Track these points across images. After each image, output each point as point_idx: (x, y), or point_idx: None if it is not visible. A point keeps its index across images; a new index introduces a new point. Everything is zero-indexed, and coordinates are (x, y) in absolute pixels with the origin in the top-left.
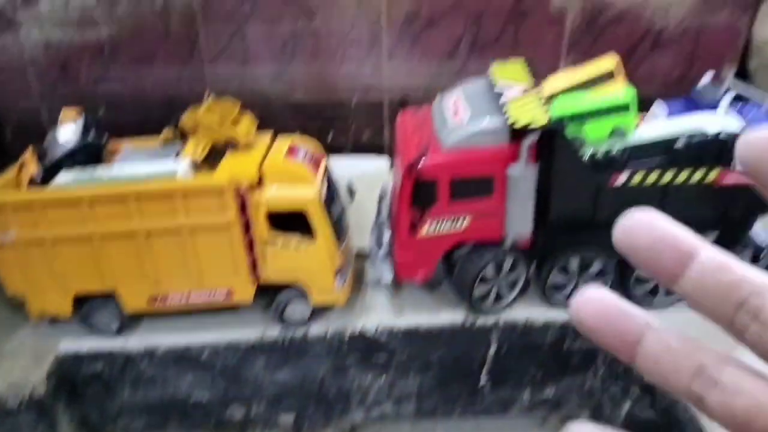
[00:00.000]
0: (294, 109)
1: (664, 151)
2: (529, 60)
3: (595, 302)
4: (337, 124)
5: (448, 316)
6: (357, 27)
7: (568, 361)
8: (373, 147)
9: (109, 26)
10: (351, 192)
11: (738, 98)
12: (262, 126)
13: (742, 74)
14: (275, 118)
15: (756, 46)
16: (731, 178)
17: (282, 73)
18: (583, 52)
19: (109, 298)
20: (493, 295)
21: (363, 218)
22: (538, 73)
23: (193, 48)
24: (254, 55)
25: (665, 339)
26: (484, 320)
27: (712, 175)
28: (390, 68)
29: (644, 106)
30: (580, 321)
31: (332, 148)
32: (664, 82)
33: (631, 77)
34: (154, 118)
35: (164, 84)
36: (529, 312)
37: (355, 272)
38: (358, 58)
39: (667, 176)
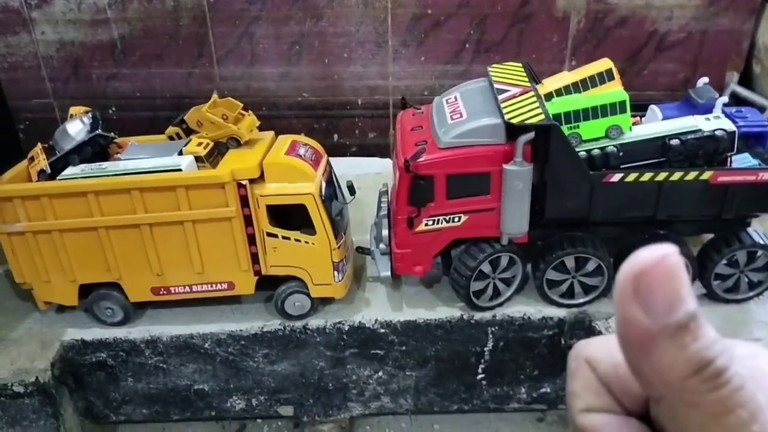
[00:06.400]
0: (300, 109)
1: (658, 150)
2: (532, 62)
3: None
4: (343, 124)
5: (445, 311)
6: (363, 28)
7: (565, 357)
8: (378, 148)
9: (120, 26)
10: (351, 189)
11: (739, 102)
12: (269, 125)
13: (747, 79)
14: (282, 118)
15: (759, 51)
16: (726, 177)
17: (289, 73)
18: (587, 55)
19: (114, 288)
20: (489, 291)
21: (365, 215)
22: (541, 75)
23: (202, 48)
24: (262, 56)
25: None
26: (481, 316)
27: (707, 175)
28: (396, 69)
29: (644, 109)
30: None
31: (338, 148)
32: (669, 85)
33: (636, 80)
34: (163, 116)
35: (173, 83)
36: (526, 308)
37: (356, 267)
38: (364, 59)
39: (662, 175)
